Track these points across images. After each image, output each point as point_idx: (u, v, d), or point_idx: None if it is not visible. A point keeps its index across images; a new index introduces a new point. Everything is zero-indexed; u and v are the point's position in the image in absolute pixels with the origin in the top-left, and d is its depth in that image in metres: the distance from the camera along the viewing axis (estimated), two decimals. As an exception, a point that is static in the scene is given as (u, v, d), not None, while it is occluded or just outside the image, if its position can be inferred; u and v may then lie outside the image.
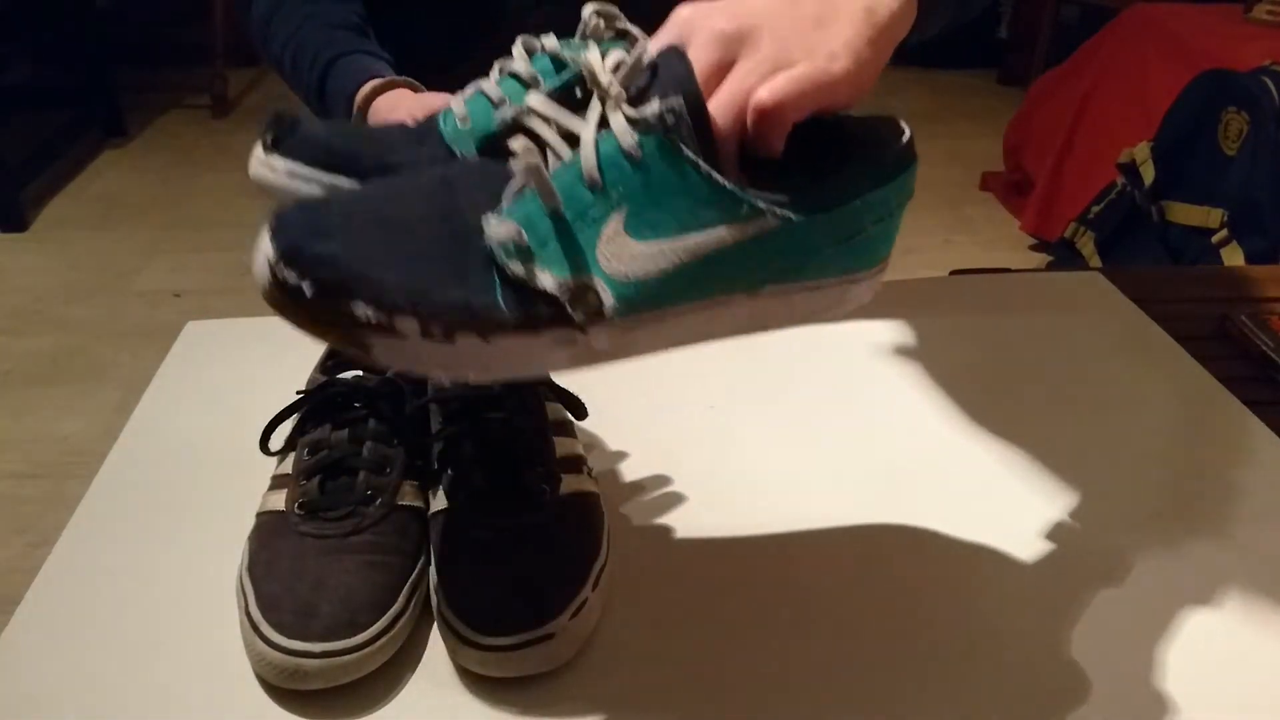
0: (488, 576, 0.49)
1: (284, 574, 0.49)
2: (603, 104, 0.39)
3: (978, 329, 0.79)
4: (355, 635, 0.46)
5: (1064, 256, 2.15)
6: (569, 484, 0.54)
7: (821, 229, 0.41)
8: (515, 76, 0.51)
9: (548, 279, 0.38)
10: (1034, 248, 2.43)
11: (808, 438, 0.66)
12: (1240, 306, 0.81)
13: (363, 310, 0.37)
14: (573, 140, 0.40)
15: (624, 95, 0.39)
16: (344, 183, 0.49)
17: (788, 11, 0.42)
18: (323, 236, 0.38)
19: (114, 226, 2.50)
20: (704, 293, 0.41)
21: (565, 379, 0.60)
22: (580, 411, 0.60)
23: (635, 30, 0.51)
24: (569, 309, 0.38)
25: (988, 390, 0.71)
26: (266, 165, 0.50)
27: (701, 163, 0.39)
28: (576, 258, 0.39)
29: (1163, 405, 0.70)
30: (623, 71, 0.39)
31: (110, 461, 0.63)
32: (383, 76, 0.68)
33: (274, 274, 0.37)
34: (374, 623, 0.47)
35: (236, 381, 0.71)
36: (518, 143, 0.42)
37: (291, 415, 0.57)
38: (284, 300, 0.38)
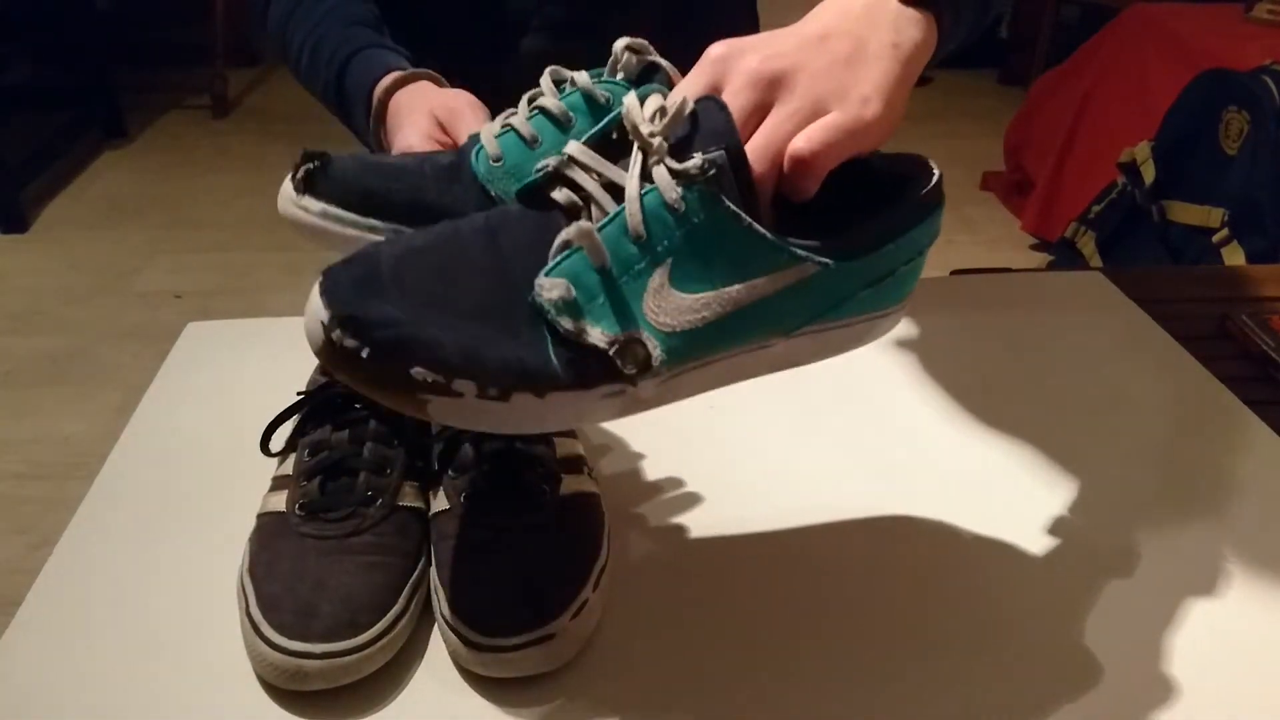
0: (488, 577, 0.49)
1: (285, 575, 0.49)
2: (644, 155, 0.39)
3: (978, 329, 0.79)
4: (356, 636, 0.46)
5: (1064, 256, 2.15)
6: (569, 484, 0.54)
7: (856, 274, 0.42)
8: (545, 112, 0.51)
9: (597, 334, 0.38)
10: (1034, 247, 2.43)
11: (808, 437, 0.66)
12: (1240, 306, 0.81)
13: (420, 373, 0.37)
14: (614, 191, 0.40)
15: (665, 147, 0.39)
16: (377, 224, 0.50)
17: (820, 50, 0.42)
18: (376, 297, 0.38)
19: (114, 226, 2.50)
20: (746, 339, 0.42)
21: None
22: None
23: (664, 63, 0.51)
24: (618, 363, 0.39)
25: (988, 389, 0.71)
26: (299, 206, 0.51)
27: (743, 214, 0.39)
28: (624, 312, 0.39)
29: (1163, 405, 0.70)
30: (663, 122, 0.39)
31: (111, 462, 0.63)
32: (403, 70, 0.68)
33: (328, 336, 0.37)
34: (374, 623, 0.47)
35: (236, 382, 0.71)
36: (561, 194, 0.42)
37: (292, 416, 0.57)
38: (339, 361, 0.38)
